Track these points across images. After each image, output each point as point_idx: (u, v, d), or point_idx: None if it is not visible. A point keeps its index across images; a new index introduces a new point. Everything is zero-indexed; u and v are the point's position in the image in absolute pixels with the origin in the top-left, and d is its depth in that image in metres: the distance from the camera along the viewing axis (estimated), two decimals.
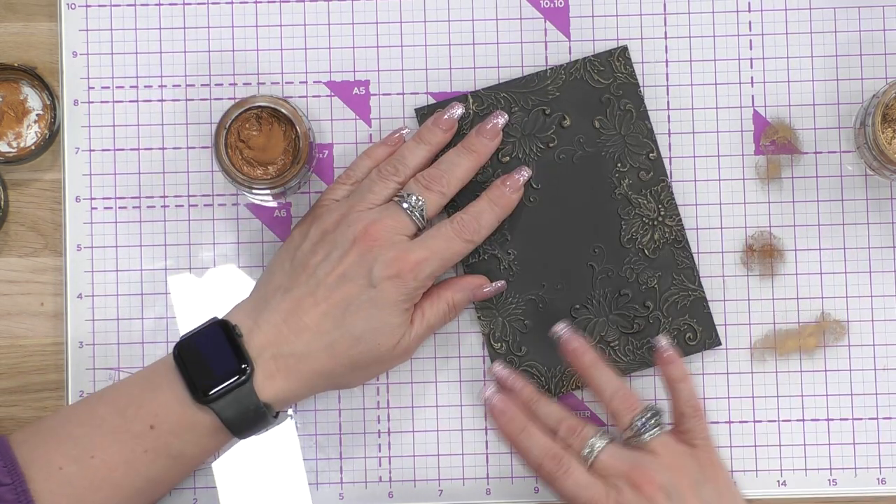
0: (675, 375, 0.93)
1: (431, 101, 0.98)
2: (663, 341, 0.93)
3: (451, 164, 0.94)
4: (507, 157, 0.97)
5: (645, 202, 0.97)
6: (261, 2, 0.99)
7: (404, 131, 0.96)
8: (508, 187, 0.95)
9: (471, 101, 0.97)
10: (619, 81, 0.98)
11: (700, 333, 0.97)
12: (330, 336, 0.89)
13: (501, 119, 0.96)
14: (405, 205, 0.92)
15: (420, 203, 0.92)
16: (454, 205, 0.96)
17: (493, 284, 0.96)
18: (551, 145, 0.98)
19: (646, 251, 0.97)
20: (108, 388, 0.91)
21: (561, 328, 0.94)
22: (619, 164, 0.97)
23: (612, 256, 0.97)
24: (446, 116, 0.95)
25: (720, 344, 0.98)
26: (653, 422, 0.91)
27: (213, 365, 0.88)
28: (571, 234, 0.98)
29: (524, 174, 0.96)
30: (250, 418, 0.88)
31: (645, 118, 0.98)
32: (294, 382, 0.89)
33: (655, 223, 0.97)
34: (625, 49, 0.98)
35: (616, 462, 0.89)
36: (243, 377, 0.88)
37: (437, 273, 0.92)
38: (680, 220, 0.98)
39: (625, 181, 0.97)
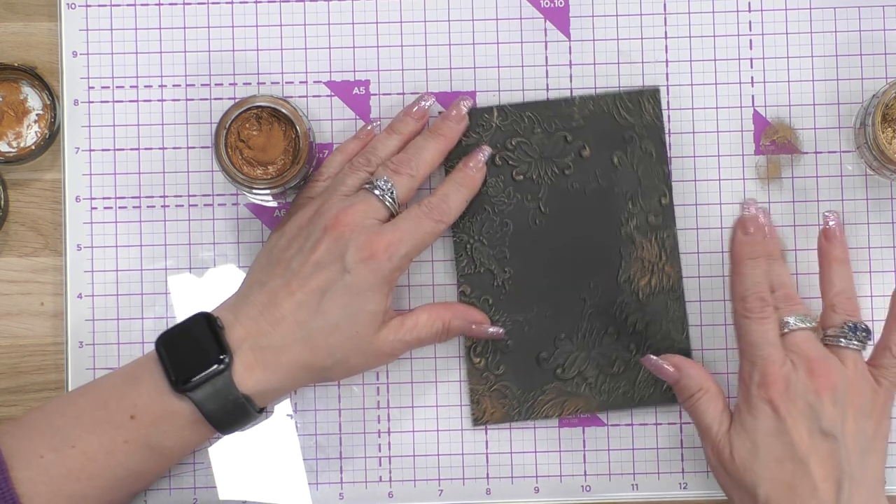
0: None
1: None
2: None
3: (418, 147, 0.94)
4: (521, 176, 0.97)
5: (648, 246, 0.97)
6: (261, 2, 0.99)
7: (374, 125, 0.97)
8: (472, 168, 0.95)
9: (496, 114, 0.97)
10: (645, 122, 0.97)
11: None
12: (307, 326, 0.89)
13: (466, 102, 0.96)
14: (376, 191, 0.92)
15: (389, 185, 0.92)
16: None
17: (492, 329, 0.96)
18: (567, 172, 0.97)
19: (640, 294, 0.97)
20: (93, 382, 0.91)
21: (832, 216, 0.93)
22: (629, 204, 0.97)
23: (605, 293, 0.96)
24: (416, 107, 0.96)
25: None
26: (860, 335, 0.90)
27: (191, 355, 0.88)
28: (570, 264, 0.97)
29: (485, 153, 0.96)
30: (230, 410, 0.88)
31: (664, 163, 0.97)
32: (273, 374, 0.89)
33: (655, 269, 0.97)
34: (657, 91, 0.98)
35: (808, 346, 0.89)
36: (221, 367, 0.87)
37: (412, 255, 0.92)
38: (679, 270, 0.97)
39: (632, 221, 0.97)
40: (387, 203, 0.92)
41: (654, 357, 0.93)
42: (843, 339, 0.90)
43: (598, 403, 0.97)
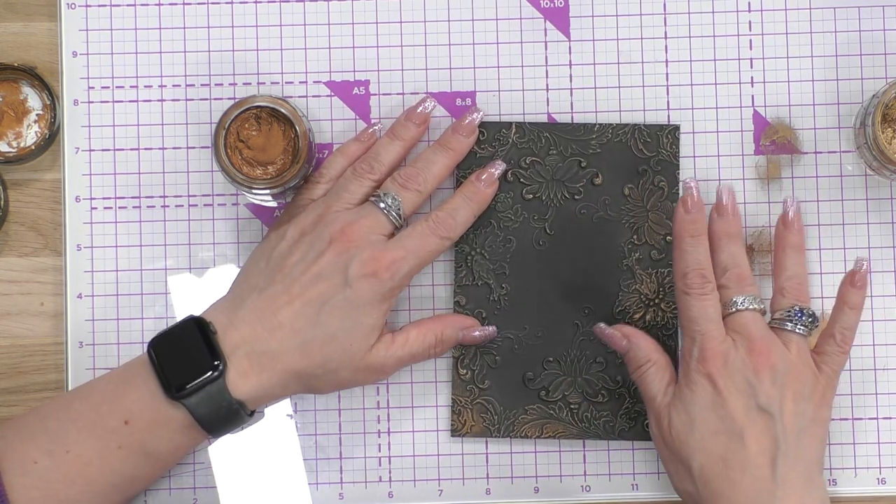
0: (853, 302, 0.92)
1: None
2: (864, 264, 0.92)
3: (427, 161, 0.94)
4: (531, 196, 0.97)
5: (648, 280, 0.97)
6: (261, 2, 0.99)
7: (377, 127, 0.97)
8: (483, 182, 0.95)
9: (514, 130, 0.97)
10: (661, 157, 0.97)
11: None
12: (304, 335, 0.89)
13: (478, 115, 0.96)
14: (382, 205, 0.92)
15: (396, 202, 0.92)
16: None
17: (484, 329, 0.96)
18: (577, 197, 0.97)
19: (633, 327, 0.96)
20: (85, 385, 0.91)
21: (790, 203, 0.94)
22: (634, 237, 0.97)
23: (599, 321, 0.96)
24: (419, 110, 0.96)
25: None
26: (807, 321, 0.91)
27: (185, 361, 0.88)
28: (567, 288, 0.97)
29: (498, 168, 0.96)
30: (223, 416, 0.88)
31: (674, 200, 0.97)
32: (267, 380, 0.89)
33: (651, 304, 0.97)
34: (677, 128, 0.98)
35: (753, 326, 0.89)
36: (215, 374, 0.87)
37: (415, 272, 0.92)
38: (675, 308, 0.97)
39: (635, 254, 0.97)
40: (392, 218, 0.92)
41: (605, 326, 0.94)
42: (788, 323, 0.91)
43: (578, 431, 0.97)
